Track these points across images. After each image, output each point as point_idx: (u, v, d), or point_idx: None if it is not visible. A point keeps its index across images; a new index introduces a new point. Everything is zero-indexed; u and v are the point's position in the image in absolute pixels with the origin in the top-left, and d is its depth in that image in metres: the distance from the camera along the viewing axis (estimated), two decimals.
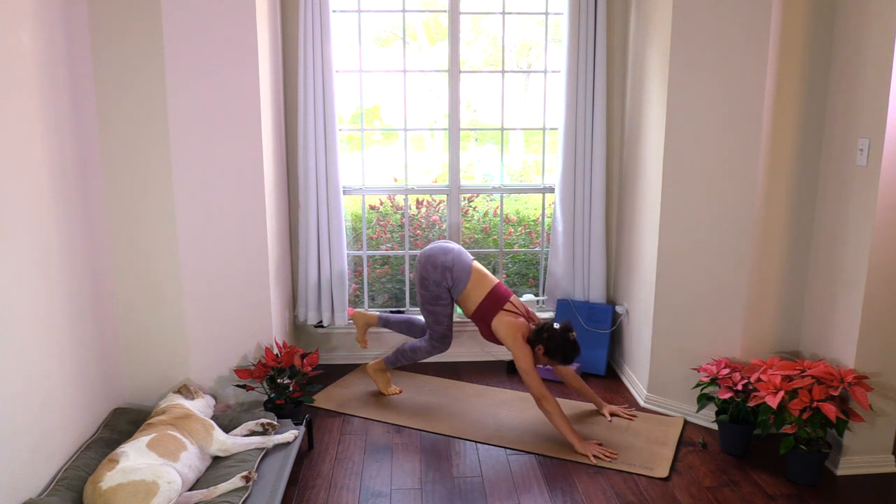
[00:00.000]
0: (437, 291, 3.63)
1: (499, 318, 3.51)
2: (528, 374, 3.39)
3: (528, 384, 3.40)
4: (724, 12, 3.29)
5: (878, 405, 3.15)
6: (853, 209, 3.12)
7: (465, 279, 3.57)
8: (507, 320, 3.50)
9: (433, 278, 3.60)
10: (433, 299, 3.66)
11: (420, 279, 3.66)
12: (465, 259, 3.64)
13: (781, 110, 3.30)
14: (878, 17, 2.92)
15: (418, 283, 3.68)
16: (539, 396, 3.37)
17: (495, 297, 3.55)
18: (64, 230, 2.82)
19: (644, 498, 3.02)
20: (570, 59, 4.09)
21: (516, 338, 3.46)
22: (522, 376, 3.42)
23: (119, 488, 2.44)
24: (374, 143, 4.91)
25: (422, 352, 3.84)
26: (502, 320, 3.50)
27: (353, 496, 3.03)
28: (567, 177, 4.23)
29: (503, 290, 3.60)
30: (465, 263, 3.61)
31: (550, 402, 3.36)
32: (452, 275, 3.58)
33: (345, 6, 4.20)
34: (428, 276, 3.61)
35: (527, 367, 3.40)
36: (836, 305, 3.24)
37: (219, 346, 3.48)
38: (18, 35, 2.50)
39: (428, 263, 3.62)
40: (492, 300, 3.55)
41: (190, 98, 3.21)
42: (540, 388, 3.37)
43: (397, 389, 4.00)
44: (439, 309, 3.68)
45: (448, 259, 3.60)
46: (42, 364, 2.63)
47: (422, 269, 3.64)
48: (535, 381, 3.38)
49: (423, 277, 3.64)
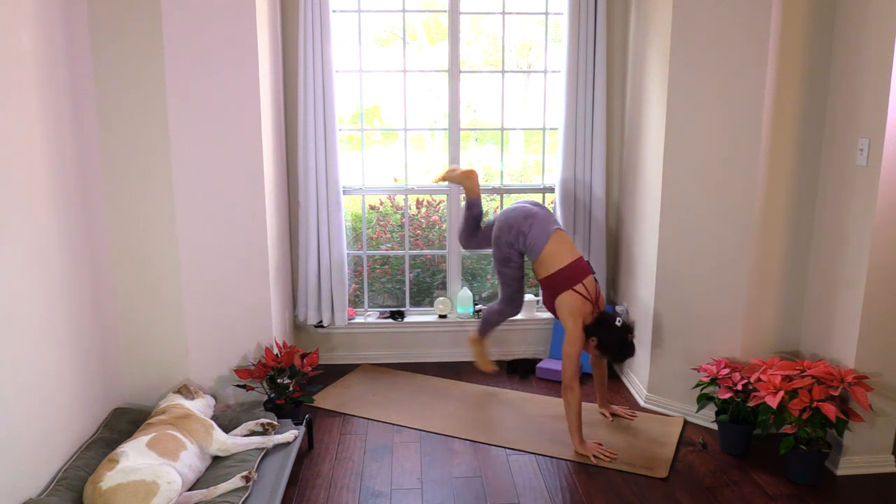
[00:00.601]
0: (507, 252, 3.60)
1: (566, 295, 3.40)
2: (570, 359, 3.33)
3: (565, 368, 3.34)
4: (724, 12, 3.29)
5: (878, 405, 3.15)
6: (853, 209, 3.12)
7: (541, 246, 3.48)
8: (573, 301, 3.39)
9: (505, 239, 3.56)
10: (503, 260, 3.63)
11: (495, 237, 3.62)
12: (547, 227, 3.52)
13: (781, 110, 3.30)
14: (878, 17, 2.93)
15: (493, 240, 3.64)
16: (568, 385, 3.31)
17: (570, 272, 3.43)
18: (64, 230, 2.82)
19: (644, 498, 3.02)
20: (570, 59, 4.09)
21: (576, 321, 3.37)
22: (563, 358, 3.35)
23: (119, 488, 2.44)
24: (374, 143, 4.91)
25: (495, 313, 3.87)
26: (569, 298, 3.40)
27: (353, 496, 3.03)
28: (567, 177, 4.23)
29: (581, 267, 3.47)
30: (544, 231, 3.50)
31: (575, 395, 3.31)
32: (526, 240, 3.52)
33: (345, 6, 4.20)
34: (501, 237, 3.58)
35: (571, 352, 3.34)
36: (836, 305, 3.24)
37: (219, 346, 3.48)
38: (18, 35, 2.50)
39: (504, 224, 3.58)
40: (566, 274, 3.43)
41: (190, 98, 3.21)
42: (573, 378, 3.31)
43: (493, 367, 4.08)
44: (507, 271, 3.65)
45: (526, 225, 3.53)
46: (42, 364, 2.63)
47: (498, 228, 3.61)
48: (572, 369, 3.32)
49: (497, 237, 3.60)
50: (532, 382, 4.21)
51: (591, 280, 3.48)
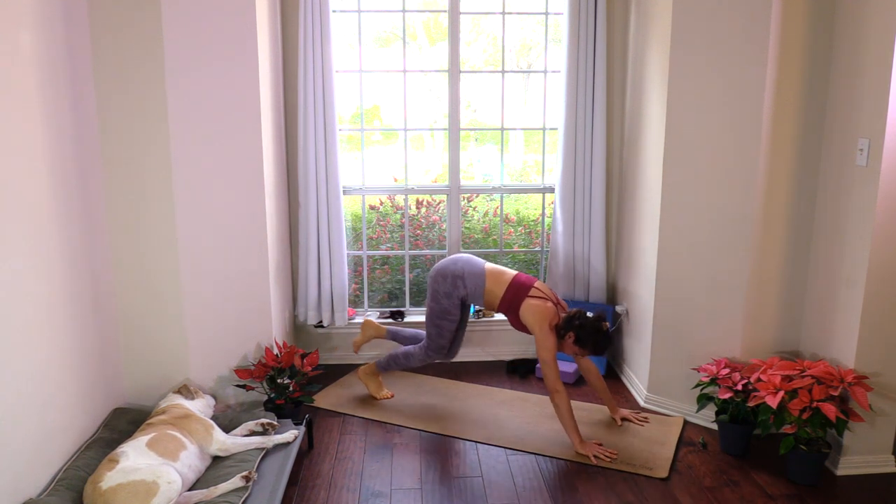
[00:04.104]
0: (447, 305, 3.58)
1: (525, 305, 3.43)
2: (548, 364, 3.34)
3: (545, 374, 3.35)
4: (724, 12, 3.29)
5: (878, 405, 3.15)
6: (853, 209, 3.12)
7: (482, 282, 3.52)
8: (534, 305, 3.42)
9: (443, 290, 3.56)
10: (442, 313, 3.61)
11: (431, 293, 3.62)
12: (476, 264, 3.59)
13: (781, 110, 3.30)
14: (878, 17, 2.92)
15: (429, 296, 3.64)
16: (552, 389, 3.32)
17: (518, 286, 3.48)
18: (64, 230, 2.82)
19: (644, 498, 3.02)
20: (570, 59, 4.09)
21: (542, 324, 3.38)
22: (541, 365, 3.36)
23: (119, 488, 2.44)
24: (374, 143, 4.91)
25: (415, 359, 3.79)
26: (529, 305, 3.42)
27: (353, 496, 3.03)
28: (567, 177, 4.23)
29: (525, 278, 3.52)
30: (476, 268, 3.56)
31: (562, 397, 3.32)
32: (465, 282, 3.53)
33: (345, 6, 4.20)
34: (438, 289, 3.57)
35: (547, 357, 3.34)
36: (836, 305, 3.24)
37: (219, 346, 3.48)
38: (18, 35, 2.50)
39: (438, 276, 3.59)
40: (515, 289, 3.47)
41: (190, 98, 3.21)
42: (555, 381, 3.32)
43: (389, 394, 3.96)
44: (445, 324, 3.63)
45: (457, 268, 3.56)
46: (42, 364, 2.63)
47: (433, 282, 3.61)
48: (553, 373, 3.33)
49: (434, 291, 3.60)
50: (532, 382, 4.21)
51: (541, 283, 3.53)
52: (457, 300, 3.57)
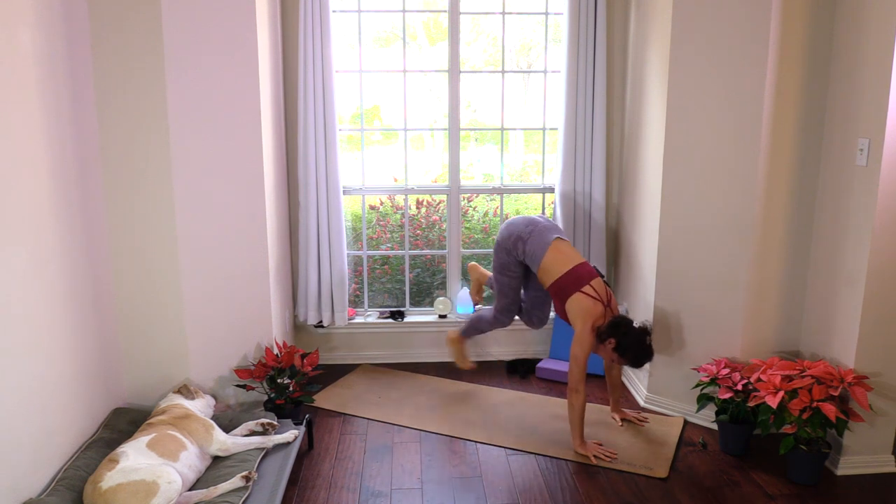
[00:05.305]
0: (506, 260, 3.59)
1: (574, 298, 3.37)
2: (577, 361, 3.29)
3: (571, 370, 3.30)
4: (724, 12, 3.29)
5: (878, 405, 3.15)
6: (853, 209, 3.12)
7: (540, 255, 3.46)
8: (583, 300, 3.35)
9: (505, 246, 3.57)
10: (501, 267, 3.63)
11: (496, 244, 3.65)
12: (546, 235, 3.50)
13: (781, 110, 3.30)
14: (878, 17, 2.93)
15: (495, 247, 3.66)
16: (573, 388, 3.30)
17: (575, 276, 3.40)
18: (64, 230, 2.82)
19: (644, 498, 3.02)
20: (570, 59, 4.09)
21: (585, 322, 3.33)
22: (571, 360, 3.32)
23: (119, 488, 2.44)
24: (374, 143, 4.91)
25: (485, 321, 3.84)
26: (577, 299, 3.37)
27: (353, 496, 3.03)
28: (567, 177, 4.23)
29: (586, 271, 3.44)
30: (544, 238, 3.49)
31: (579, 398, 3.29)
32: (525, 246, 3.50)
33: (345, 6, 4.20)
34: (501, 243, 3.59)
35: (578, 354, 3.30)
36: (836, 305, 3.24)
37: (219, 346, 3.48)
38: (18, 35, 2.50)
39: (505, 230, 3.60)
40: (571, 278, 3.40)
41: (190, 98, 3.21)
42: (578, 381, 3.28)
43: (471, 364, 4.03)
44: (505, 279, 3.64)
45: (526, 231, 3.53)
46: (42, 364, 2.63)
47: (499, 234, 3.63)
48: (579, 372, 3.28)
49: (497, 243, 3.62)
50: (532, 382, 4.21)
51: (600, 282, 3.44)
52: (514, 259, 3.58)
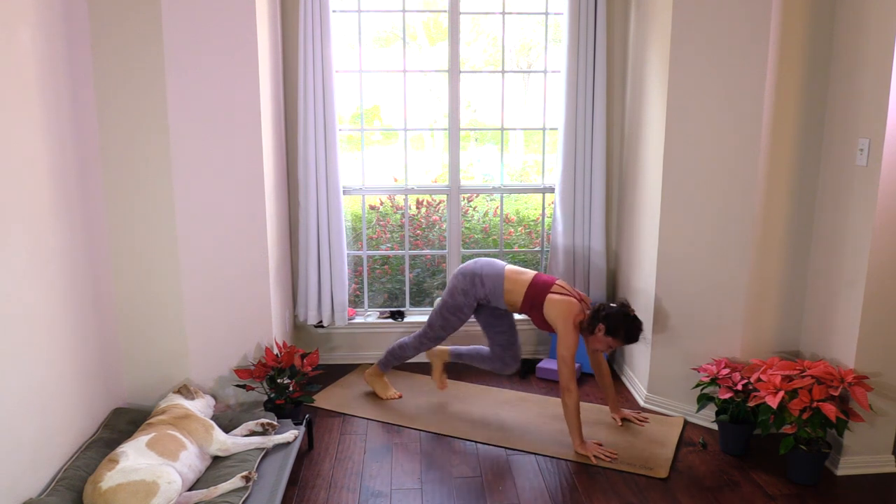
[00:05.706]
0: (461, 301, 3.61)
1: (549, 301, 3.43)
2: (565, 361, 3.31)
3: (561, 371, 3.33)
4: (723, 12, 3.29)
5: (878, 405, 3.15)
6: (853, 209, 3.12)
7: (501, 282, 3.54)
8: (558, 300, 3.41)
9: (461, 287, 3.60)
10: (454, 308, 3.64)
11: (450, 288, 3.67)
12: (497, 265, 3.62)
13: (781, 110, 3.30)
14: (878, 17, 2.92)
15: (447, 291, 3.69)
16: (565, 387, 3.31)
17: (539, 284, 3.48)
18: (64, 230, 2.82)
19: (644, 498, 3.02)
20: (570, 59, 4.09)
21: (566, 321, 3.36)
22: (559, 362, 3.34)
23: (119, 488, 2.44)
24: (374, 143, 4.91)
25: (409, 348, 3.83)
26: (552, 301, 3.42)
27: (353, 496, 3.03)
28: (567, 177, 4.23)
29: (546, 277, 3.53)
30: (496, 269, 3.59)
31: (572, 397, 3.30)
32: (483, 281, 3.56)
33: (345, 6, 4.20)
34: (457, 285, 3.62)
35: (566, 355, 3.32)
36: (836, 305, 3.24)
37: (219, 346, 3.48)
38: (18, 34, 2.50)
39: (459, 274, 3.65)
40: (536, 288, 3.47)
41: (190, 98, 3.21)
42: (569, 380, 3.30)
43: (396, 394, 3.97)
44: (454, 320, 3.66)
45: (477, 268, 3.60)
46: (42, 364, 2.63)
47: (453, 279, 3.67)
48: (569, 371, 3.31)
49: (452, 286, 3.65)
50: (532, 382, 4.21)
51: (563, 281, 3.54)
52: (472, 299, 3.60)
